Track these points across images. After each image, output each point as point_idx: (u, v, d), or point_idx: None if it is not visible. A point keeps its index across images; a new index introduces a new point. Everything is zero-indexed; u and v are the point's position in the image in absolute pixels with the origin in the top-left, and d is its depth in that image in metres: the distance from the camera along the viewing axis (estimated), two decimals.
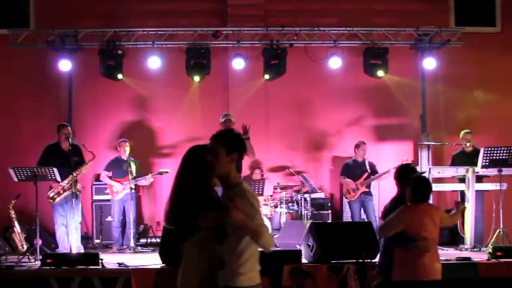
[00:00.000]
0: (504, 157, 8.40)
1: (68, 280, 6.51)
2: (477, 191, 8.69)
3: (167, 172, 9.13)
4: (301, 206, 9.61)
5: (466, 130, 9.39)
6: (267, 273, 6.33)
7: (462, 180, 8.84)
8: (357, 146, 9.59)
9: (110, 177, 9.22)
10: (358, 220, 9.32)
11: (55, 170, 8.07)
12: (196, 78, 9.96)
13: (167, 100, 10.72)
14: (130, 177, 9.01)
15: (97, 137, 10.24)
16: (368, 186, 9.49)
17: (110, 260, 7.29)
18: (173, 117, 10.62)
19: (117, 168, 9.25)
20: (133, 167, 9.19)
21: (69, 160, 8.29)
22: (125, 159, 9.18)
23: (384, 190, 9.88)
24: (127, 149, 9.24)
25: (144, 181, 9.18)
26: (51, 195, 8.31)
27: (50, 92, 10.47)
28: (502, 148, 8.43)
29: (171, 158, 10.47)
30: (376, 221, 9.13)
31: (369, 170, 9.42)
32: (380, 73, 9.95)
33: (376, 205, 9.55)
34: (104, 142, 10.42)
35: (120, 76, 9.85)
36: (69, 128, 8.76)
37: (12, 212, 8.17)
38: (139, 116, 10.77)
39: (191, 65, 9.85)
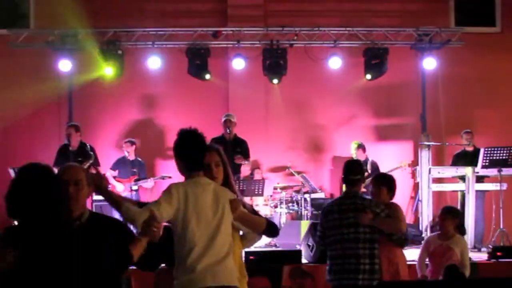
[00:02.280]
0: (504, 157, 8.40)
1: None
2: (477, 191, 8.69)
3: (169, 177, 9.12)
4: (301, 206, 9.61)
5: (467, 130, 9.40)
6: (267, 273, 6.33)
7: (463, 179, 8.85)
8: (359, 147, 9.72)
9: (114, 177, 9.26)
10: None
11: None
12: (207, 76, 9.91)
13: (166, 100, 10.73)
14: (133, 178, 9.07)
15: (98, 137, 10.23)
16: (367, 187, 9.48)
17: None
18: (172, 118, 10.60)
19: (122, 168, 9.29)
20: (138, 168, 9.23)
21: (69, 160, 8.30)
22: (131, 159, 9.21)
23: None
24: (131, 150, 9.28)
25: (147, 183, 9.23)
26: None
27: (50, 92, 10.45)
28: (502, 148, 8.43)
29: (172, 160, 10.46)
30: None
31: (369, 171, 9.43)
32: (368, 76, 9.98)
33: None
34: (105, 142, 10.40)
35: (108, 71, 9.74)
36: (71, 128, 8.78)
37: None
38: (140, 116, 10.77)
39: (195, 66, 9.84)
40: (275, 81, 10.05)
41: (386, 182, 5.21)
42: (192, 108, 10.55)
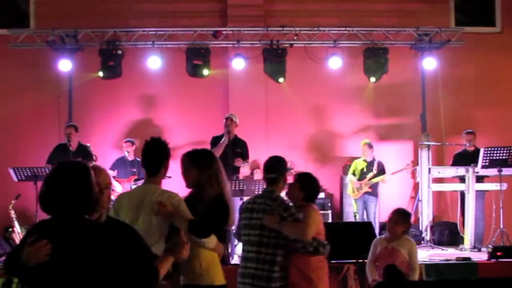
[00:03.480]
0: (504, 157, 8.40)
1: None
2: (477, 191, 8.69)
3: (169, 177, 9.11)
4: None
5: (468, 130, 9.39)
6: None
7: (463, 180, 8.85)
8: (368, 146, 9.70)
9: (113, 177, 9.25)
10: (361, 218, 9.37)
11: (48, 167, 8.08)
12: (205, 72, 9.83)
13: (166, 100, 10.73)
14: (132, 178, 9.07)
15: (98, 137, 10.22)
16: (373, 187, 9.48)
17: None
18: (172, 118, 10.62)
19: (121, 168, 9.30)
20: (137, 168, 9.22)
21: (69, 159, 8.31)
22: (130, 159, 9.22)
23: (385, 190, 9.90)
24: (131, 150, 9.28)
25: None
26: None
27: (50, 92, 10.46)
28: (502, 148, 8.43)
29: (172, 160, 10.46)
30: (375, 223, 9.14)
31: (375, 171, 9.43)
32: (372, 79, 9.98)
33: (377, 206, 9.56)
34: (105, 142, 10.40)
35: (100, 74, 9.73)
36: (71, 128, 8.77)
37: (12, 212, 8.17)
38: (140, 116, 10.76)
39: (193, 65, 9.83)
40: (281, 79, 10.02)
41: (301, 179, 4.78)
42: (192, 108, 10.56)
